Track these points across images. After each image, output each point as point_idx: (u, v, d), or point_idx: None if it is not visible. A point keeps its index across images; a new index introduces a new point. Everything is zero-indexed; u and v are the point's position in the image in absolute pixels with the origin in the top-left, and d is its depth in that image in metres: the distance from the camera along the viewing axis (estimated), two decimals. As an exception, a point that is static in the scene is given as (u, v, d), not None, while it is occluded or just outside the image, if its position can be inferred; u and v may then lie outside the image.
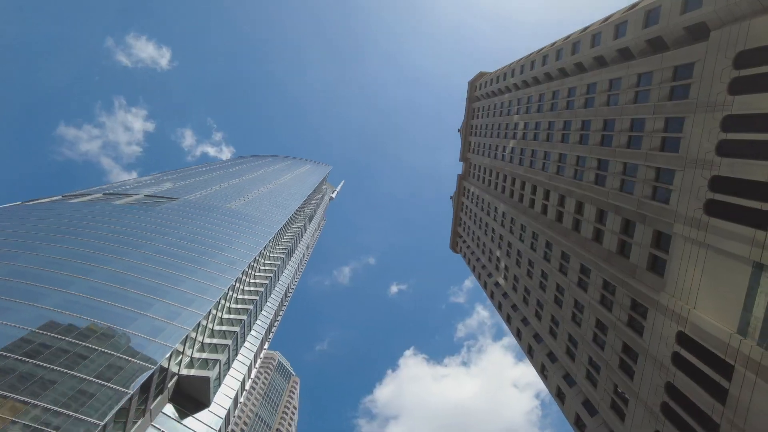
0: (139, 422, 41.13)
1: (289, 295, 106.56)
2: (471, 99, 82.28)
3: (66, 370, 35.43)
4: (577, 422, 35.18)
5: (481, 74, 79.83)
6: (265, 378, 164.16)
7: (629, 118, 32.15)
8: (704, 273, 23.52)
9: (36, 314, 41.22)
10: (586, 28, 42.23)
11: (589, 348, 33.84)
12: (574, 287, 37.21)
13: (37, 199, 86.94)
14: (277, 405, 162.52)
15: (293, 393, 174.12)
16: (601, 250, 34.03)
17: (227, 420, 54.99)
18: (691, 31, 26.98)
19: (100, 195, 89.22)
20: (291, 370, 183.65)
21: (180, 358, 48.47)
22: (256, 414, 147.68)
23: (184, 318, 49.25)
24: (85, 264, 53.90)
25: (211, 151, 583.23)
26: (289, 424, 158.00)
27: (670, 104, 27.63)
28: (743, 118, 22.04)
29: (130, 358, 40.02)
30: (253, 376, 69.41)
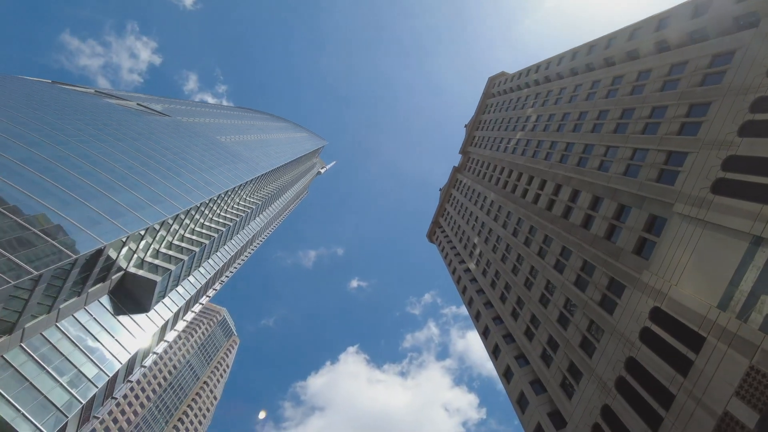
0: (71, 300, 38.96)
1: (251, 250, 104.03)
2: (487, 95, 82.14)
3: None
4: (520, 400, 34.39)
5: (503, 73, 79.91)
6: (206, 329, 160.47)
7: (650, 105, 31.79)
8: (694, 251, 22.97)
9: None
10: (627, 27, 42.03)
11: (552, 327, 33.15)
12: (549, 269, 36.60)
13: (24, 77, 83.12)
14: (211, 359, 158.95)
15: (230, 352, 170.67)
16: (587, 234, 33.49)
17: (160, 336, 52.94)
18: (739, 20, 26.66)
19: (92, 90, 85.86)
20: (234, 329, 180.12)
21: (132, 256, 46.28)
22: (188, 361, 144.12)
23: (148, 214, 46.97)
24: (41, 139, 50.39)
25: (211, 100, 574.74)
26: (218, 380, 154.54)
27: (700, 90, 27.28)
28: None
29: (48, 239, 34.65)
30: (196, 310, 67.29)
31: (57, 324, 38.02)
